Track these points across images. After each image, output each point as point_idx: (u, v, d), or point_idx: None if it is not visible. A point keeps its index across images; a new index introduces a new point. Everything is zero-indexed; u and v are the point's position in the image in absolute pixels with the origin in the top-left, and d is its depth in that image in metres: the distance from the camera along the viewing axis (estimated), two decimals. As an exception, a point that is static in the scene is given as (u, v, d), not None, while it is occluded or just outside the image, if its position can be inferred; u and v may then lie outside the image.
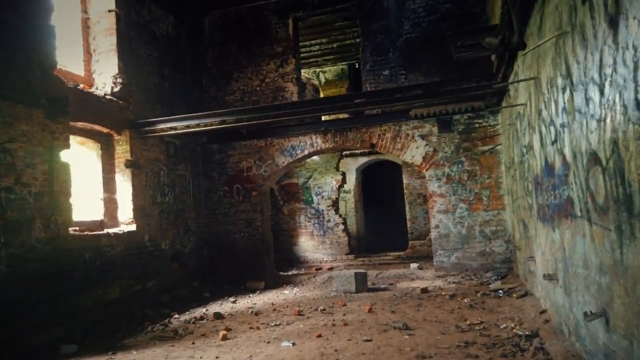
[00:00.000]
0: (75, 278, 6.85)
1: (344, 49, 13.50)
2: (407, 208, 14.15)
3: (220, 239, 10.45)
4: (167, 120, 8.51)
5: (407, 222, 14.11)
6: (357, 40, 12.03)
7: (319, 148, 9.96)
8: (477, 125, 9.15)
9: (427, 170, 9.39)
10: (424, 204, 13.85)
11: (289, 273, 11.73)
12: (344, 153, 13.98)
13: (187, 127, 8.43)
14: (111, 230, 7.87)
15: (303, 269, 12.76)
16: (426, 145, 9.37)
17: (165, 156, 9.41)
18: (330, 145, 9.89)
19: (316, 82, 15.83)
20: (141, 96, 9.02)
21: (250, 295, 8.91)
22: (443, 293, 7.54)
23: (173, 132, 8.53)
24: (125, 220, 8.35)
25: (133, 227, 8.32)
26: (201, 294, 9.15)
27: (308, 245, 13.67)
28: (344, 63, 14.85)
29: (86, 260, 7.11)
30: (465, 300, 6.82)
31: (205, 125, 8.34)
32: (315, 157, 13.58)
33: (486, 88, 7.03)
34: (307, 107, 7.80)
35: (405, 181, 14.22)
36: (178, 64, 10.31)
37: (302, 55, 13.28)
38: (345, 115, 10.31)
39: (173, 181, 9.62)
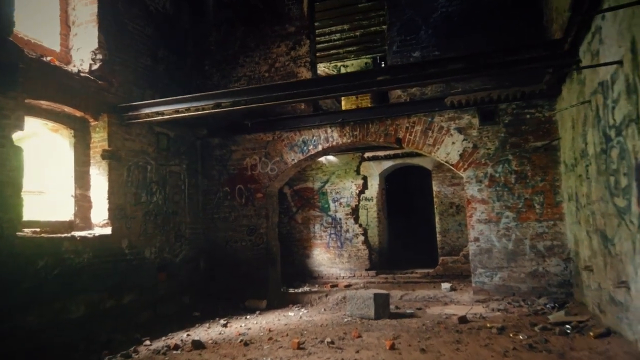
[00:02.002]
0: (22, 291, 5.46)
1: (368, 38, 11.99)
2: (437, 219, 12.45)
3: (218, 247, 8.98)
4: (153, 104, 7.13)
5: (437, 235, 12.39)
6: (383, 27, 10.54)
7: (334, 143, 8.43)
8: (527, 116, 7.48)
9: (465, 170, 7.74)
10: (457, 214, 12.15)
11: (299, 290, 10.16)
12: (365, 155, 12.41)
13: (176, 111, 7.02)
14: (78, 234, 6.48)
15: (316, 285, 11.18)
16: (464, 140, 7.73)
17: (154, 149, 8.03)
18: (349, 140, 8.34)
19: (337, 78, 14.33)
20: (127, 78, 7.69)
21: (247, 317, 7.38)
22: (488, 325, 5.84)
23: (160, 117, 7.13)
24: (99, 222, 6.96)
25: (107, 231, 6.91)
26: (190, 312, 7.66)
27: (323, 258, 12.07)
28: (367, 56, 13.33)
29: (39, 269, 5.71)
30: (520, 337, 5.12)
31: (197, 110, 6.92)
32: (333, 158, 12.05)
33: (557, 57, 5.37)
34: (318, 86, 6.29)
35: (435, 188, 12.55)
36: (176, 46, 8.98)
37: (320, 45, 11.89)
38: (367, 104, 8.76)
39: (163, 178, 8.22)
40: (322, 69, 14.07)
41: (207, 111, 6.89)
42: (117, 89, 7.42)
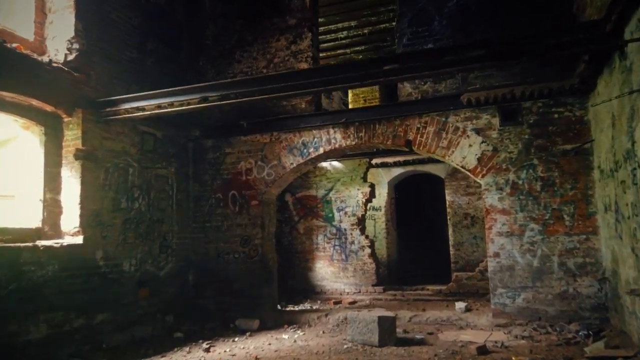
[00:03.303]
0: (-33, 309, 4.69)
1: (376, 37, 11.20)
2: (450, 231, 11.53)
3: (209, 260, 8.16)
4: (132, 98, 6.38)
5: (450, 249, 11.47)
6: (393, 24, 9.75)
7: (337, 145, 7.61)
8: (555, 116, 6.60)
9: (483, 176, 6.86)
10: (472, 226, 11.24)
11: (297, 308, 9.31)
12: (373, 162, 11.57)
13: (159, 107, 6.27)
14: (42, 243, 5.71)
15: (318, 302, 10.32)
16: (483, 142, 6.87)
17: (137, 150, 7.27)
18: (353, 142, 7.52)
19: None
20: (110, 71, 6.96)
21: (236, 339, 6.53)
22: (513, 358, 4.93)
23: (140, 114, 6.38)
24: (70, 230, 6.19)
25: (78, 240, 6.14)
26: (172, 333, 6.83)
27: (326, 272, 11.19)
28: (375, 56, 12.52)
29: (-10, 284, 4.95)
30: (555, 376, 4.21)
31: (181, 105, 6.16)
32: (338, 164, 11.23)
33: (597, 40, 4.51)
34: (316, 77, 5.50)
35: (448, 198, 11.65)
36: (169, 39, 8.27)
37: (326, 44, 11.14)
38: (374, 101, 7.97)
39: (148, 183, 7.45)
40: (329, 70, 13.29)
41: (192, 106, 6.13)
42: (96, 82, 6.69)
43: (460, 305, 8.45)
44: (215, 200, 8.25)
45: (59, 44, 6.47)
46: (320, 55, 10.72)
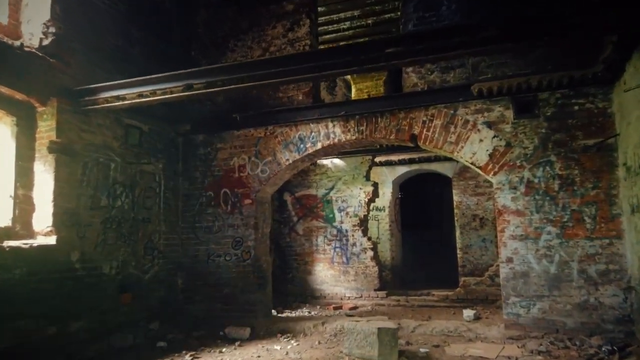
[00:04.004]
0: None
1: (381, 28, 10.59)
2: (457, 233, 10.91)
3: (199, 263, 7.63)
4: (111, 86, 5.84)
5: (458, 252, 10.85)
6: (399, 13, 9.17)
7: (336, 140, 7.05)
8: (576, 108, 6.00)
9: (495, 174, 6.27)
10: (481, 228, 10.62)
11: (295, 313, 8.75)
12: (377, 160, 10.99)
13: (140, 95, 5.73)
14: (9, 243, 5.18)
15: (317, 307, 9.77)
16: (495, 136, 6.28)
17: (120, 143, 6.74)
18: (353, 137, 6.96)
19: (347, 75, 12.99)
20: (90, 58, 6.44)
21: (223, 350, 5.98)
22: (531, 378, 4.34)
23: (120, 103, 5.85)
24: (42, 230, 5.67)
25: (51, 240, 5.61)
26: (155, 342, 6.29)
27: (326, 275, 10.61)
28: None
29: (-56, 289, 4.43)
30: (581, 404, 3.62)
31: (164, 93, 5.62)
32: (339, 162, 10.66)
33: (631, 16, 3.91)
34: (311, 61, 4.94)
35: (456, 198, 11.03)
36: (157, 27, 7.74)
37: (327, 36, 10.56)
38: (378, 84, 7.43)
39: (132, 179, 6.92)
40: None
41: (176, 95, 5.59)
42: (75, 70, 6.16)
43: (468, 313, 7.88)
44: (206, 198, 7.72)
45: (35, 27, 5.95)
46: (321, 47, 10.20)
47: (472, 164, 6.43)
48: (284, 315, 8.68)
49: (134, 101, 5.78)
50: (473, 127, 6.37)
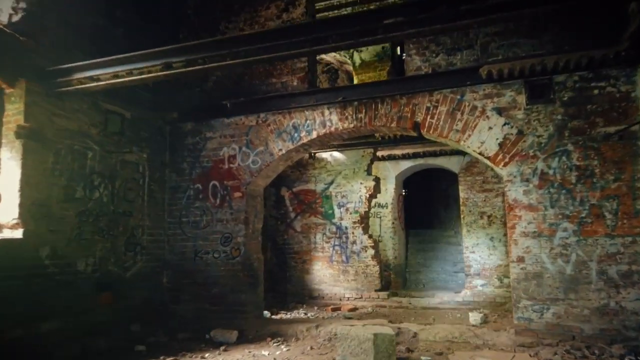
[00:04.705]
0: None
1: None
2: (464, 231, 10.37)
3: (186, 260, 7.13)
4: (85, 66, 5.34)
5: (464, 251, 10.31)
6: (403, -2, 8.62)
7: (333, 129, 6.52)
8: (595, 92, 5.42)
9: (506, 165, 5.71)
10: (489, 226, 10.07)
11: (290, 315, 8.26)
12: (379, 154, 10.47)
13: (116, 76, 5.24)
14: (-34, 237, 4.71)
15: (315, 307, 9.27)
16: (506, 124, 5.72)
17: (99, 130, 6.25)
18: (351, 125, 6.42)
19: (349, 66, 12.46)
20: (68, 39, 5.95)
21: (205, 356, 5.46)
22: (547, 395, 3.79)
23: (94, 84, 5.36)
24: (8, 223, 5.18)
25: (17, 234, 5.14)
26: (134, 345, 5.78)
27: (325, 274, 10.08)
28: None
29: None
30: None
31: (142, 73, 5.13)
32: (339, 155, 10.13)
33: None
34: (301, 35, 4.42)
35: (462, 195, 10.48)
36: (143, 7, 7.23)
37: (326, 13, 10.02)
38: (381, 75, 6.94)
39: (112, 169, 6.43)
40: (334, 54, 12.23)
41: (154, 74, 5.11)
42: (48, 50, 5.66)
43: (475, 316, 7.37)
44: (193, 191, 7.22)
45: (3, 2, 5.47)
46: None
47: (480, 154, 5.88)
48: (277, 316, 8.18)
49: (109, 82, 5.30)
50: (482, 113, 5.81)
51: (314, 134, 6.60)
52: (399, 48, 11.56)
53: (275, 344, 5.95)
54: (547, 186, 5.51)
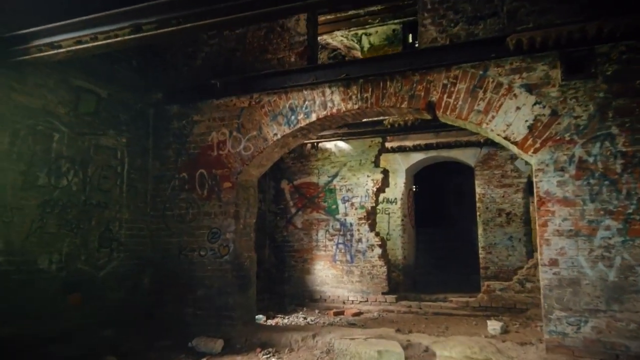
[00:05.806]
0: None
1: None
2: (480, 230, 9.53)
3: (170, 258, 6.37)
4: (44, 32, 4.57)
5: (480, 252, 9.46)
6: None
7: (335, 110, 5.71)
8: (646, 65, 4.56)
9: (536, 152, 4.86)
10: (508, 225, 9.23)
11: (287, 320, 7.49)
12: (388, 145, 9.66)
13: (79, 42, 4.47)
14: None
15: (316, 311, 8.50)
16: (537, 103, 4.86)
17: (69, 110, 5.50)
18: (356, 106, 5.61)
19: (357, 52, 11.65)
20: (30, 4, 5.19)
21: (183, 370, 4.71)
22: None
23: (54, 51, 4.59)
24: (-47, 212, 4.45)
25: (-38, 226, 4.40)
26: (104, 355, 5.03)
27: (327, 275, 9.27)
28: (396, 21, 10.53)
29: None
30: None
31: (108, 37, 4.36)
32: (344, 145, 9.32)
33: None
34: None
35: (478, 190, 9.64)
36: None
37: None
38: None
39: (84, 155, 5.67)
40: (340, 39, 11.43)
41: (121, 38, 4.33)
42: (8, 17, 4.92)
43: (494, 325, 6.55)
44: (179, 181, 6.45)
45: (-47, -41, 4.74)
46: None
47: (505, 138, 5.03)
48: (274, 321, 7.41)
49: (70, 49, 4.53)
50: (508, 91, 4.96)
51: (314, 117, 5.80)
52: (410, 35, 10.74)
53: (265, 356, 5.17)
54: (587, 176, 4.65)
